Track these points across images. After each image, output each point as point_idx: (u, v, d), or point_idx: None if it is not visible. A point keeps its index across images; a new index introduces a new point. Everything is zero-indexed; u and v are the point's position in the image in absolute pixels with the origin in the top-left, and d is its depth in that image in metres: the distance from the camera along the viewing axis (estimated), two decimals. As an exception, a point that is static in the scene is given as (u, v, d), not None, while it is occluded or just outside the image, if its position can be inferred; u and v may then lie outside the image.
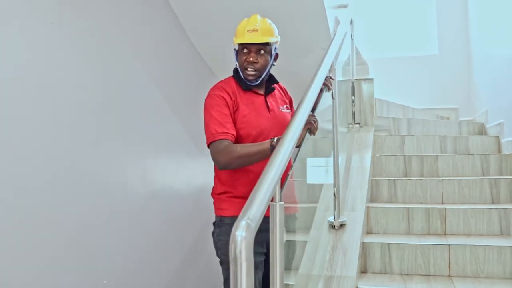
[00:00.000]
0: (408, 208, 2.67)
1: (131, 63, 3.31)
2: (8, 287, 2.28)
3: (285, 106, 2.33)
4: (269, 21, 2.29)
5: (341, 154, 3.18)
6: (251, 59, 2.19)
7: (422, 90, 5.03)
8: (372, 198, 3.00)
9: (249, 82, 2.23)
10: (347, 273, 2.13)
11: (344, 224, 2.46)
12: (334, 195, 2.43)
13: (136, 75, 3.36)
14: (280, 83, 2.41)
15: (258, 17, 2.29)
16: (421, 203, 2.88)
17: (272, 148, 1.97)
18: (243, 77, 2.22)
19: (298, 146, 2.09)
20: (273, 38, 2.25)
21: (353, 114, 3.55)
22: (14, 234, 2.35)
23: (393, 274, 2.38)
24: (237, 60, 2.26)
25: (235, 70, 2.29)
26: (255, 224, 1.11)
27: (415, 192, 2.94)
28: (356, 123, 3.54)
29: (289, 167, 1.86)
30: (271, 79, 2.37)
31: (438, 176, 3.11)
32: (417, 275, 2.35)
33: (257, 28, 2.20)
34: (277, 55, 2.33)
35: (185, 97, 3.81)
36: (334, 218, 2.45)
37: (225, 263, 2.11)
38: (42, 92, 2.58)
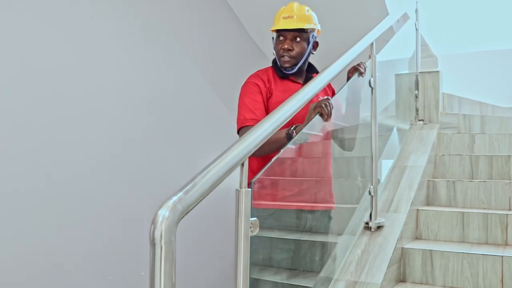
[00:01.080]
0: (463, 212, 2.35)
1: (181, 57, 3.29)
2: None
3: (325, 97, 2.20)
4: (306, 8, 2.25)
5: (397, 152, 2.92)
6: (286, 46, 2.17)
7: (510, 87, 4.50)
8: (429, 201, 2.69)
9: (285, 70, 2.21)
10: (372, 279, 1.90)
11: (382, 226, 2.21)
12: (370, 193, 2.19)
13: (186, 68, 3.34)
14: None
15: (295, 4, 2.25)
16: (484, 208, 2.53)
17: (288, 136, 1.88)
18: (279, 65, 2.20)
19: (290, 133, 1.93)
20: (310, 25, 2.21)
21: (416, 109, 3.24)
22: (77, 220, 2.44)
23: (434, 285, 2.10)
24: (274, 48, 2.24)
25: (274, 61, 2.26)
26: (184, 207, 0.98)
27: (477, 196, 2.59)
28: (419, 120, 3.23)
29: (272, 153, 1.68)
30: (311, 69, 2.30)
31: (510, 179, 2.72)
32: (463, 289, 2.04)
33: (292, 15, 2.18)
34: (316, 43, 2.29)
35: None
36: (371, 218, 2.21)
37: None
38: (86, 88, 2.64)
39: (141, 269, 2.80)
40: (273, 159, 1.60)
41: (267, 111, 2.12)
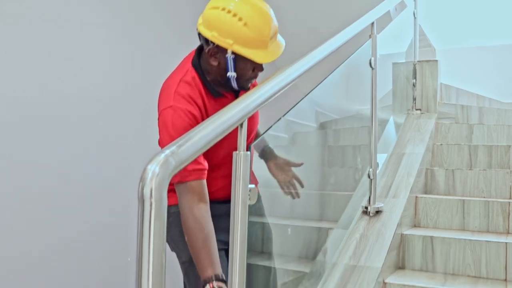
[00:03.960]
0: (464, 200, 2.28)
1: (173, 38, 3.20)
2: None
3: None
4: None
5: (394, 141, 2.85)
6: (259, 73, 1.59)
7: (508, 82, 4.44)
8: (427, 190, 2.61)
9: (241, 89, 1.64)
10: (371, 263, 1.81)
11: (381, 211, 2.13)
12: (369, 176, 2.11)
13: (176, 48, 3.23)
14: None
15: (271, 11, 1.55)
16: (484, 197, 2.46)
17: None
18: (236, 85, 1.58)
19: None
20: None
21: (414, 99, 3.16)
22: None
23: (435, 272, 2.02)
24: (234, 68, 1.53)
25: (203, 75, 1.60)
26: (178, 162, 0.88)
27: (477, 185, 2.51)
28: (416, 109, 3.15)
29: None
30: None
31: (510, 169, 2.65)
32: (464, 276, 1.96)
33: (277, 33, 1.56)
34: None
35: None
36: (369, 203, 2.13)
37: (179, 257, 1.66)
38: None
39: (128, 254, 2.70)
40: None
41: None
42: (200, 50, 1.61)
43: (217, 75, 1.57)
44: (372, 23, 2.17)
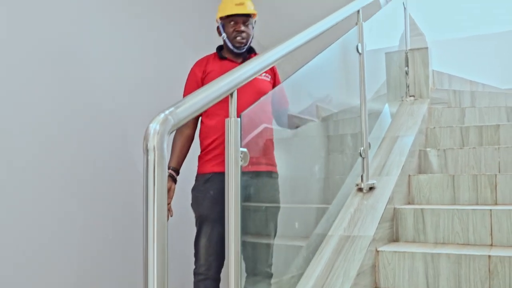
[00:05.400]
0: (454, 175, 2.40)
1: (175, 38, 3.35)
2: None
3: (263, 74, 2.41)
4: None
5: (388, 125, 2.98)
6: (240, 28, 2.37)
7: (503, 69, 4.54)
8: (420, 170, 2.74)
9: (238, 49, 2.40)
10: (364, 233, 1.94)
11: (374, 188, 2.26)
12: (361, 155, 2.24)
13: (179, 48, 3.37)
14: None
15: None
16: (475, 174, 2.58)
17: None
18: (231, 46, 2.39)
19: None
20: (254, 11, 2.45)
21: (407, 85, 3.29)
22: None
23: (426, 243, 2.14)
24: (224, 32, 2.41)
25: (219, 47, 2.47)
26: (177, 121, 1.03)
27: (467, 162, 2.64)
28: (410, 96, 3.28)
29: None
30: (250, 50, 2.50)
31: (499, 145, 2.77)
32: (453, 244, 2.08)
33: (243, 2, 2.40)
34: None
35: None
36: (362, 180, 2.26)
37: (194, 214, 2.35)
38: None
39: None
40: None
41: None
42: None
43: (224, 44, 2.42)
44: (358, 11, 2.30)
